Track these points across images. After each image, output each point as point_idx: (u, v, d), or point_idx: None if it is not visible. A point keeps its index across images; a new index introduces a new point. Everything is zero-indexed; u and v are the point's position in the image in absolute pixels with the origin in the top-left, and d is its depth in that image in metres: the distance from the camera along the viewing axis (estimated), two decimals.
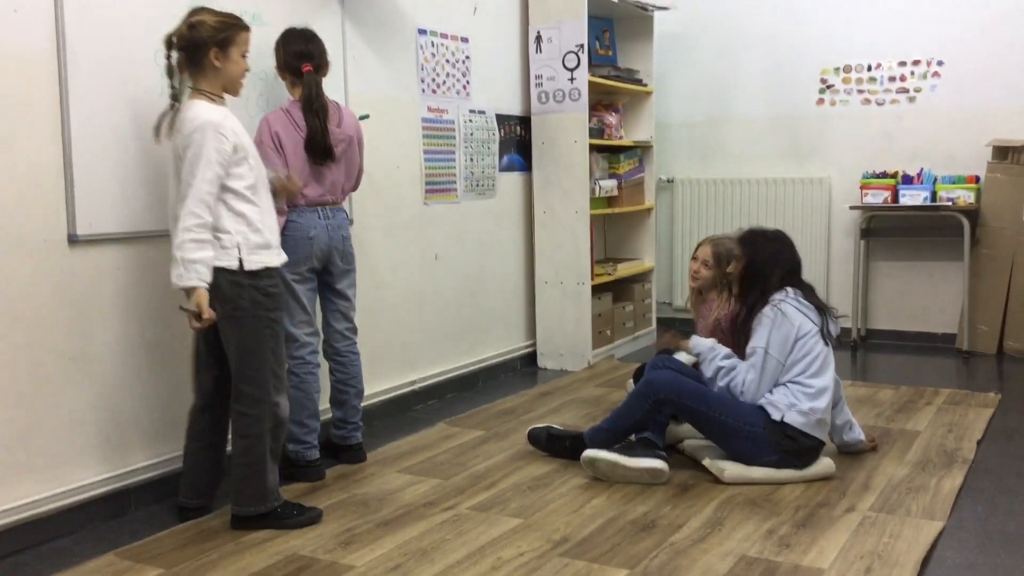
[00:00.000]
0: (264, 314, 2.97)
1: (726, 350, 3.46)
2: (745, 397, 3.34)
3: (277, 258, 3.03)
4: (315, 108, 3.40)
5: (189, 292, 2.82)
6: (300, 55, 3.44)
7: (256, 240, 2.94)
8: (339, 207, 3.58)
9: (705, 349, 3.49)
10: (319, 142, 3.41)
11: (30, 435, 2.92)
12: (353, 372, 3.69)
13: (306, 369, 3.49)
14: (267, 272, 2.97)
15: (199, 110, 2.86)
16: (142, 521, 3.13)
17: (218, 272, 2.87)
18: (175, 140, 2.89)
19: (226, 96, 3.00)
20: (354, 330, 3.69)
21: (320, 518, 3.06)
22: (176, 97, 2.92)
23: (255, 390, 2.97)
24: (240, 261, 2.90)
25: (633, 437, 3.47)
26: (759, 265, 3.44)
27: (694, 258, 3.98)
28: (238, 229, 2.91)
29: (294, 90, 3.48)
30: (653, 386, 3.37)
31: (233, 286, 2.91)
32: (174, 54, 2.90)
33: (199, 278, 2.80)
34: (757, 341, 3.35)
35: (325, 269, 3.56)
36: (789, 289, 3.40)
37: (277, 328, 3.03)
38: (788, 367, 3.33)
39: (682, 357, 3.63)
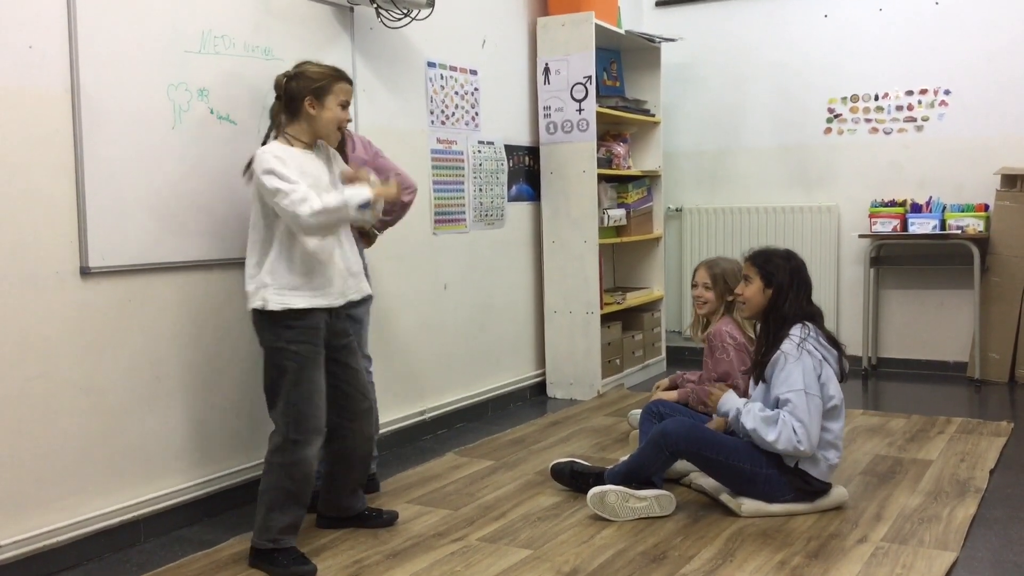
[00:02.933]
0: (284, 346, 2.96)
1: (756, 404, 3.30)
2: (803, 447, 3.18)
3: (309, 300, 2.99)
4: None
5: (368, 205, 2.94)
6: None
7: (287, 281, 2.96)
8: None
9: (733, 409, 3.33)
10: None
11: (41, 466, 2.93)
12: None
13: None
14: (291, 312, 2.97)
15: (261, 151, 2.98)
16: (152, 552, 3.13)
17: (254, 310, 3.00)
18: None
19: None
20: (369, 358, 3.72)
21: (313, 574, 2.90)
22: (267, 140, 3.07)
23: (277, 420, 3.00)
24: (264, 301, 2.95)
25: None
26: (776, 286, 3.35)
27: (694, 284, 4.01)
28: (275, 269, 2.95)
29: None
30: (669, 438, 3.29)
31: (258, 320, 3.01)
32: (276, 105, 3.08)
33: (359, 199, 2.92)
34: (792, 384, 3.21)
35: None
36: (810, 325, 3.31)
37: (301, 361, 2.97)
38: None
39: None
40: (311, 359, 3.00)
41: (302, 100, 3.02)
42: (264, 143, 3.07)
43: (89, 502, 3.06)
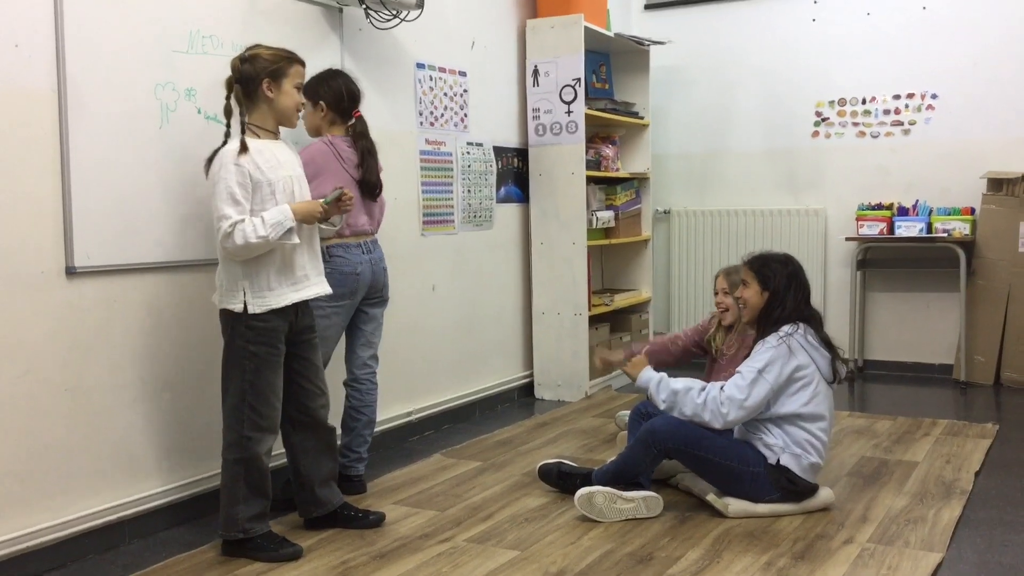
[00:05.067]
0: (243, 345, 2.98)
1: (682, 381, 3.33)
2: (705, 415, 3.21)
3: (292, 295, 3.03)
4: (371, 148, 3.62)
5: (292, 231, 2.95)
6: (353, 97, 3.61)
7: (263, 282, 2.97)
8: (376, 239, 3.69)
9: (654, 383, 3.37)
10: (373, 180, 3.61)
11: (25, 467, 2.91)
12: (368, 400, 3.72)
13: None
14: (254, 313, 2.98)
15: (224, 150, 2.95)
16: (136, 553, 3.12)
17: (221, 310, 3.01)
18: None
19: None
20: (376, 359, 3.76)
21: (300, 555, 3.00)
22: (228, 136, 3.00)
23: (229, 418, 3.03)
24: (245, 305, 2.95)
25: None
26: (773, 290, 3.37)
27: (715, 292, 4.04)
28: (247, 272, 2.95)
29: (332, 127, 3.60)
30: (658, 436, 3.30)
31: (224, 319, 3.02)
32: (232, 94, 3.00)
33: (284, 224, 2.91)
34: (752, 363, 3.26)
35: (363, 299, 3.65)
36: (801, 324, 3.33)
37: (258, 362, 2.99)
38: (781, 403, 3.27)
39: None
40: (268, 360, 3.02)
41: (259, 83, 2.98)
42: (226, 137, 3.00)
43: (73, 503, 3.05)
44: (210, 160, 2.99)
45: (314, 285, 3.12)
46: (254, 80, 2.98)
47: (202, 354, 3.41)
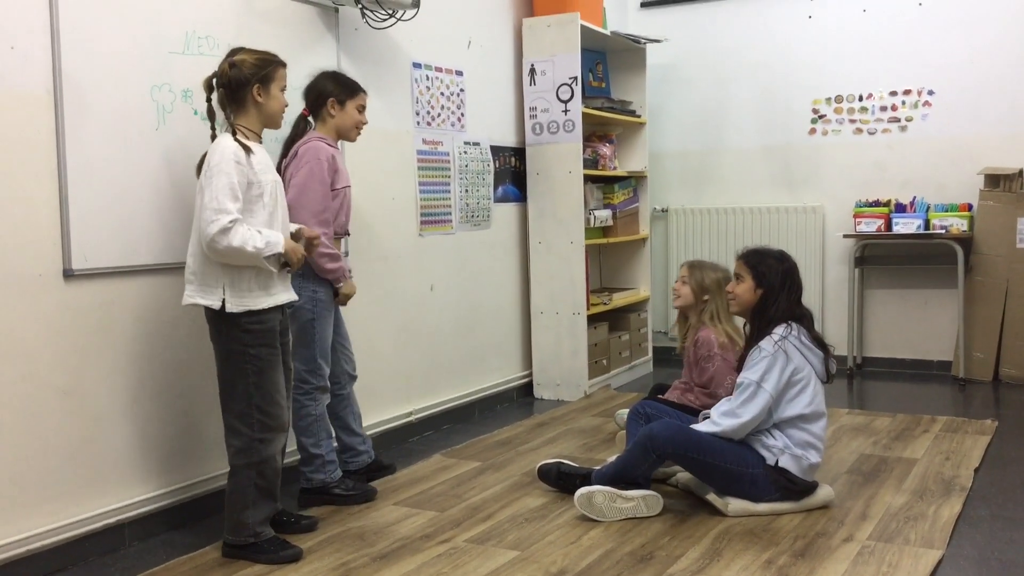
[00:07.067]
0: (243, 349, 2.96)
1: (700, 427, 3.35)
2: (718, 428, 3.26)
3: (267, 300, 3.00)
4: None
5: (274, 258, 2.93)
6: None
7: (244, 284, 2.94)
8: None
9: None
10: None
11: (23, 470, 2.91)
12: (354, 401, 3.77)
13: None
14: (248, 313, 2.96)
15: (223, 144, 2.92)
16: (137, 556, 3.11)
17: (205, 308, 2.96)
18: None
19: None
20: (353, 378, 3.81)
21: (300, 557, 3.00)
22: (215, 136, 2.98)
23: (236, 424, 3.00)
24: (223, 302, 2.92)
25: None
26: (767, 286, 3.35)
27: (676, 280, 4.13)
28: (227, 270, 2.92)
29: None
30: (656, 441, 3.28)
31: (214, 320, 2.99)
32: (214, 95, 2.98)
33: (275, 248, 2.90)
34: (751, 375, 3.26)
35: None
36: (794, 325, 3.32)
37: (261, 364, 2.98)
38: (783, 408, 3.27)
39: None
40: (270, 361, 3.01)
41: (249, 89, 2.97)
42: (212, 140, 2.98)
43: (73, 506, 3.04)
44: (201, 162, 2.96)
45: (284, 292, 3.09)
46: (244, 85, 2.97)
47: (201, 356, 3.40)
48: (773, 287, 3.36)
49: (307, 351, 3.45)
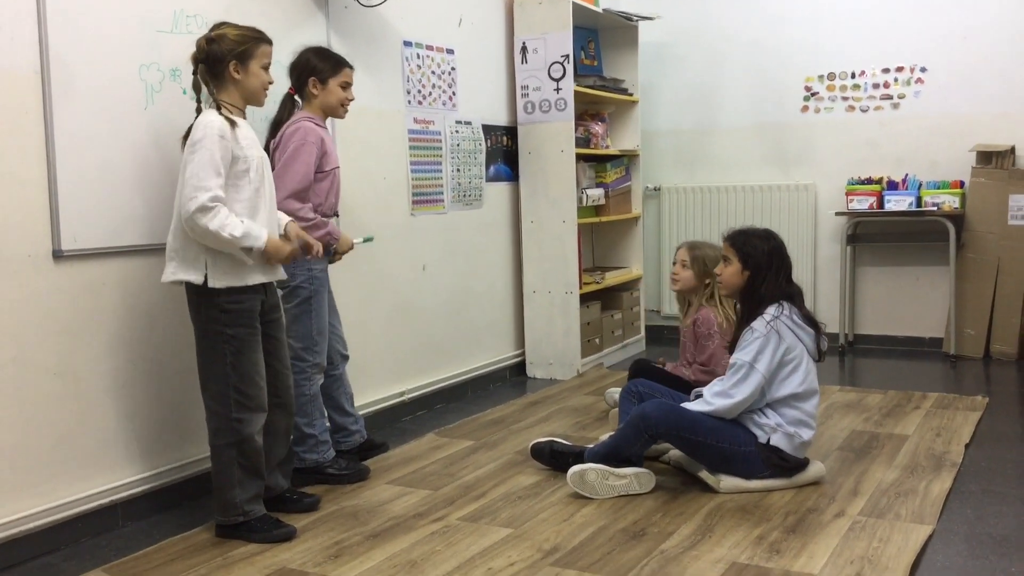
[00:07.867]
0: (220, 329, 2.94)
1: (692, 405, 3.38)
2: (711, 407, 3.28)
3: (252, 277, 2.97)
4: None
5: (251, 251, 2.89)
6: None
7: (229, 258, 2.91)
8: None
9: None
10: None
11: (16, 452, 2.90)
12: (346, 381, 3.76)
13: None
14: (228, 290, 2.93)
15: (207, 118, 2.88)
16: (130, 536, 3.11)
17: (186, 285, 2.94)
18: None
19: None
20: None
21: (293, 535, 3.01)
22: (200, 111, 2.95)
23: (213, 404, 2.99)
24: (205, 277, 2.90)
25: None
26: (754, 267, 3.35)
27: (674, 262, 4.09)
28: (209, 247, 2.89)
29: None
30: (648, 420, 3.28)
31: (193, 298, 2.97)
32: (199, 68, 2.95)
33: (254, 242, 2.86)
34: (743, 355, 3.26)
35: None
36: (785, 304, 3.32)
37: (238, 344, 2.96)
38: (776, 387, 3.28)
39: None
40: (248, 341, 2.99)
41: (226, 65, 2.94)
42: (197, 114, 2.95)
43: (65, 487, 3.04)
44: (186, 136, 2.93)
45: (271, 269, 3.06)
46: (220, 61, 2.94)
47: (191, 336, 3.38)
48: (760, 267, 3.35)
49: (303, 328, 3.45)
